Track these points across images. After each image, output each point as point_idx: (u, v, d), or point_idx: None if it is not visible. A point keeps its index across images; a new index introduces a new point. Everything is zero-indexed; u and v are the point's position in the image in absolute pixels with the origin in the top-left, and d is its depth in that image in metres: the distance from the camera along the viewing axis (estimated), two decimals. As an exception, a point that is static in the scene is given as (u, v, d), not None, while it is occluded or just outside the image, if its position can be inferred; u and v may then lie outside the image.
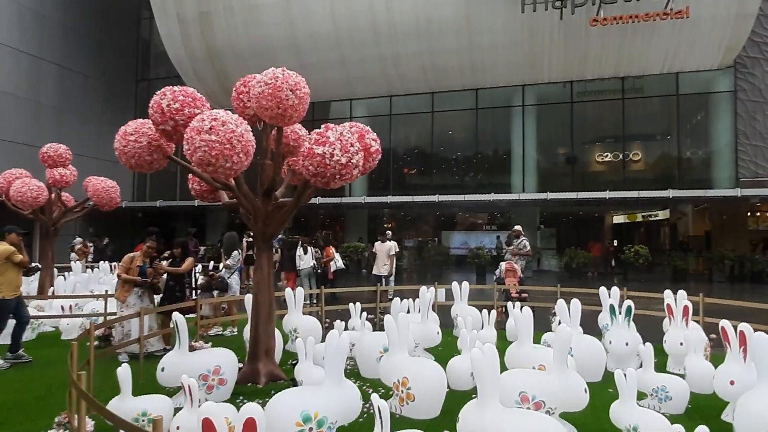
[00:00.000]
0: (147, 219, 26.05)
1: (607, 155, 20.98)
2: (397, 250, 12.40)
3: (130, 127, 4.71)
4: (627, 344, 5.52)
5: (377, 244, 12.01)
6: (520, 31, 18.71)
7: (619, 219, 26.74)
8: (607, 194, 17.63)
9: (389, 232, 12.65)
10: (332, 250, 12.31)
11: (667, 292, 6.14)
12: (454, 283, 7.48)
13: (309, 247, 11.09)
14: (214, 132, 3.74)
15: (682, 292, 5.94)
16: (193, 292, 7.40)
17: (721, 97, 19.05)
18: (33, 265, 8.82)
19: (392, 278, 12.14)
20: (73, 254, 15.35)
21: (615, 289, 6.48)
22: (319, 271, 11.26)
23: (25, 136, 20.00)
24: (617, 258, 19.86)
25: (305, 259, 10.84)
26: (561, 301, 5.58)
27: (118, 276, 6.65)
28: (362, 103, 23.04)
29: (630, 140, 20.59)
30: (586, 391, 3.66)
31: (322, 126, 4.16)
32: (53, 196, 9.69)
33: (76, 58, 23.14)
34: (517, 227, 10.80)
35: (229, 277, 8.28)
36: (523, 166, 21.05)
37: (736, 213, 20.11)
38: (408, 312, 6.28)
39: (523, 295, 9.34)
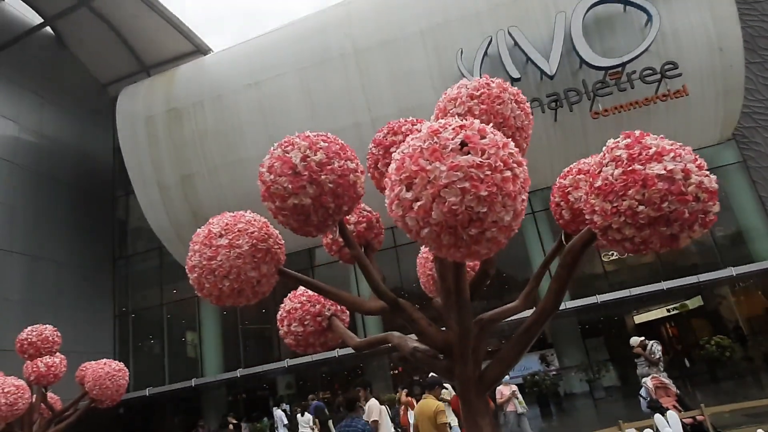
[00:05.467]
0: (130, 415, 22.10)
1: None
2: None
3: (216, 226, 2.65)
4: None
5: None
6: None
7: (641, 318, 24.58)
8: (663, 285, 15.83)
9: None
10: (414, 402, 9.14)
11: None
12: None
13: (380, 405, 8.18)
14: (473, 151, 1.75)
15: None
16: None
17: (732, 169, 18.59)
18: None
19: None
20: None
21: None
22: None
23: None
24: (688, 356, 17.38)
25: (385, 424, 7.86)
26: None
27: None
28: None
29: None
30: None
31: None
32: (35, 397, 6.70)
33: (48, 247, 21.09)
34: (635, 337, 8.76)
35: None
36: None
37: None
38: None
39: (699, 417, 6.84)
